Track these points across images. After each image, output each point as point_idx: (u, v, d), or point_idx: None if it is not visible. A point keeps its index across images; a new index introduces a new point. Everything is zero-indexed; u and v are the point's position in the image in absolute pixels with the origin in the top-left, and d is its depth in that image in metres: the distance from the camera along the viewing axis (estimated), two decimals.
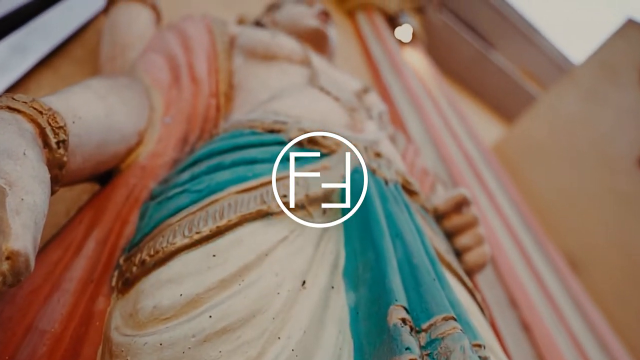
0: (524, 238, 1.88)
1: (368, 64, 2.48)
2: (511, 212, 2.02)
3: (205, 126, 0.80)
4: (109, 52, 0.91)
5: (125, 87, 0.68)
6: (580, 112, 2.38)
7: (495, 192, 2.06)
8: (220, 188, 0.56)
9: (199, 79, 0.82)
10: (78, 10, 1.10)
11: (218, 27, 0.97)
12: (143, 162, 0.67)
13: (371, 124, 0.85)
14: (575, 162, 2.48)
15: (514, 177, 2.71)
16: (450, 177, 1.90)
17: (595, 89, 2.27)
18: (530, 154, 2.83)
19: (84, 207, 0.62)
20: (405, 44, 2.86)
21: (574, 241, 2.54)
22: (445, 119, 2.32)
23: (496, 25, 3.92)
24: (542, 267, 1.81)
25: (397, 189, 0.68)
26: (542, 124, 2.66)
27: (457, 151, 2.10)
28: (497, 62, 3.82)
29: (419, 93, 2.38)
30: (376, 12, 2.82)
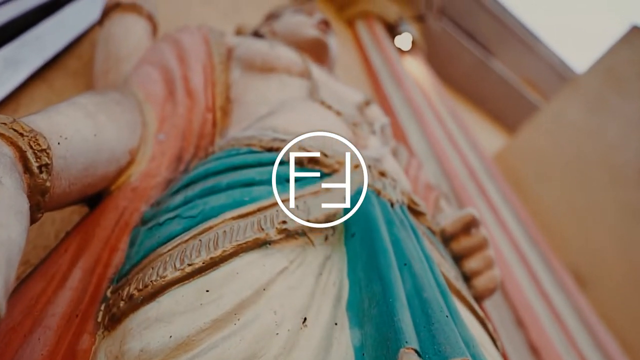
0: (530, 254, 1.84)
1: (368, 73, 2.46)
2: (516, 227, 1.98)
3: (201, 143, 0.76)
4: (103, 66, 0.88)
5: (117, 103, 0.65)
6: (584, 122, 2.35)
7: (499, 205, 2.02)
8: (215, 214, 0.52)
9: (194, 93, 0.79)
10: (72, 22, 1.07)
11: (215, 38, 0.94)
12: (134, 184, 0.64)
13: (374, 139, 0.82)
14: (580, 172, 2.45)
15: (516, 188, 2.68)
16: (453, 190, 1.87)
17: (600, 97, 2.24)
18: (533, 164, 2.80)
19: (71, 234, 0.59)
20: (405, 53, 2.84)
21: (580, 255, 2.49)
22: (447, 129, 2.29)
23: (496, 33, 3.91)
24: (548, 285, 1.77)
25: (403, 211, 0.64)
26: (545, 134, 2.63)
27: (459, 163, 2.07)
28: (497, 70, 3.80)
29: (420, 103, 2.35)
30: (376, 21, 2.80)
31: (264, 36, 1.25)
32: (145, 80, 0.76)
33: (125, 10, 0.95)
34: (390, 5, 2.88)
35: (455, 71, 3.70)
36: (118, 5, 0.95)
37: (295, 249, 0.52)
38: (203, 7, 1.58)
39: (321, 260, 0.53)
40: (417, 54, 2.95)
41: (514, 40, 4.01)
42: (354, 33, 2.73)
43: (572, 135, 2.45)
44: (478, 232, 0.79)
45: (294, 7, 1.29)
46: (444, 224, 0.77)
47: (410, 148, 1.96)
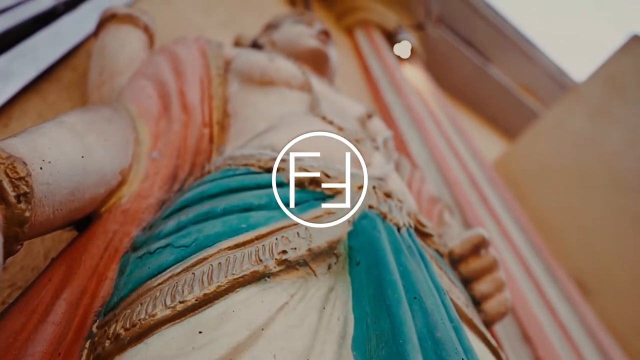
0: (534, 264, 1.80)
1: (368, 82, 2.42)
2: (519, 237, 1.94)
3: (197, 160, 0.72)
4: (97, 79, 0.83)
5: (108, 120, 0.60)
6: (586, 130, 2.31)
7: (501, 215, 1.98)
8: (210, 243, 0.48)
9: (190, 108, 0.75)
10: (68, 33, 1.03)
11: (212, 50, 0.90)
12: (125, 205, 0.59)
13: (378, 156, 0.78)
14: (582, 180, 2.41)
15: (515, 194, 2.64)
16: (455, 199, 1.83)
17: (601, 105, 2.21)
18: (534, 171, 2.76)
19: (56, 261, 0.54)
20: (404, 60, 2.81)
21: (583, 262, 2.45)
22: (448, 137, 2.25)
23: (493, 40, 3.88)
24: (554, 297, 1.72)
25: (411, 235, 0.60)
26: (546, 141, 2.60)
27: (460, 172, 2.03)
28: (495, 76, 3.77)
29: (420, 111, 2.31)
30: (375, 29, 2.77)
31: (263, 46, 1.21)
32: (139, 95, 0.72)
33: (121, 21, 0.91)
34: (389, 13, 2.85)
35: (453, 78, 3.67)
36: (114, 17, 0.91)
37: (297, 281, 0.48)
38: (202, 17, 1.55)
39: (324, 292, 0.49)
40: (416, 61, 2.91)
41: (511, 47, 3.98)
42: (353, 41, 2.69)
43: (573, 142, 2.42)
44: (488, 253, 0.74)
45: (293, 17, 1.26)
46: (452, 246, 0.73)
47: (411, 157, 1.92)
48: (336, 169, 0.63)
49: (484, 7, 3.55)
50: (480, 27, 3.69)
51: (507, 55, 3.98)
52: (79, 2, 1.14)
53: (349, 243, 0.55)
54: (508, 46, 3.95)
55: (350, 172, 0.64)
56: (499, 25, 3.73)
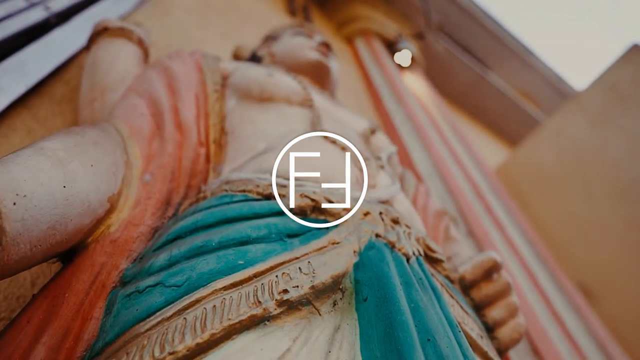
0: (541, 276, 1.75)
1: (369, 91, 2.38)
2: (524, 246, 1.89)
3: (192, 182, 0.67)
4: (88, 95, 0.79)
5: (94, 143, 0.56)
6: (588, 137, 2.27)
7: (506, 224, 1.93)
8: (203, 282, 0.43)
9: (185, 126, 0.70)
10: (59, 46, 0.98)
11: (209, 65, 0.86)
12: (114, 235, 0.54)
13: (383, 175, 0.73)
14: (585, 188, 2.36)
15: (517, 202, 2.60)
16: (459, 209, 1.78)
17: (603, 113, 2.17)
18: (536, 178, 2.72)
19: (36, 298, 0.49)
20: (405, 69, 2.77)
21: (587, 271, 2.40)
22: (450, 146, 2.21)
23: (492, 47, 3.85)
24: (562, 308, 1.67)
25: (421, 265, 0.55)
26: (548, 149, 2.55)
27: (464, 181, 1.98)
28: (495, 83, 3.74)
29: (422, 119, 2.27)
30: (375, 38, 2.74)
31: (263, 58, 1.17)
32: (131, 114, 0.68)
33: (113, 35, 0.87)
34: (389, 22, 2.82)
35: (453, 86, 3.64)
36: (106, 30, 0.87)
37: (299, 323, 0.43)
38: (200, 29, 1.51)
39: (329, 333, 0.44)
40: (416, 70, 2.88)
41: (508, 54, 3.95)
42: (354, 50, 2.66)
43: (575, 150, 2.38)
44: (500, 277, 0.69)
45: (293, 29, 1.22)
46: (463, 271, 0.68)
47: (413, 167, 1.87)
48: (340, 193, 0.59)
49: (483, 15, 3.52)
50: (479, 35, 3.65)
51: (505, 63, 3.95)
52: (71, 14, 1.10)
53: (356, 276, 0.50)
54: (506, 53, 3.92)
55: (355, 197, 0.60)
56: (498, 33, 3.70)
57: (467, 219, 1.74)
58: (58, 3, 1.08)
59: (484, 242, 1.66)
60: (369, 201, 0.60)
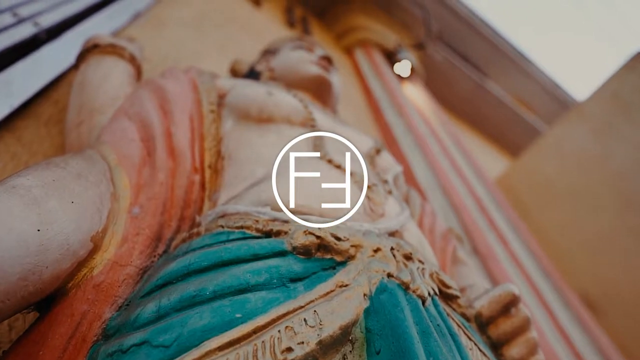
0: (547, 292, 1.69)
1: (368, 103, 2.34)
2: (528, 260, 1.83)
3: (186, 213, 0.62)
4: (75, 117, 0.74)
5: (76, 175, 0.50)
6: (591, 147, 2.23)
7: (509, 238, 1.88)
8: (196, 341, 0.37)
9: (178, 152, 0.65)
10: (48, 64, 0.93)
11: (205, 83, 0.81)
12: (98, 278, 0.49)
13: (392, 201, 0.68)
14: (588, 198, 2.32)
15: (518, 212, 2.55)
16: (461, 224, 1.72)
17: (607, 123, 2.13)
18: (537, 189, 2.67)
19: (8, 356, 0.43)
20: (404, 79, 2.73)
21: (590, 283, 2.35)
22: (451, 158, 2.16)
23: (490, 56, 3.82)
24: (568, 324, 1.61)
25: (437, 307, 0.50)
26: (550, 159, 2.51)
27: (467, 196, 1.93)
28: (494, 91, 3.71)
29: (423, 131, 2.22)
30: (374, 49, 2.70)
31: (261, 73, 1.12)
32: (120, 139, 0.62)
33: (104, 52, 0.82)
34: (389, 32, 2.79)
35: (452, 95, 3.60)
36: (96, 47, 0.82)
37: None
38: (197, 42, 1.46)
39: None
40: (416, 80, 2.84)
41: (507, 62, 3.92)
42: (353, 61, 2.62)
43: (578, 160, 2.33)
44: (518, 311, 0.64)
45: (292, 42, 1.17)
46: (480, 307, 0.62)
47: (415, 181, 1.82)
48: (347, 227, 0.53)
49: (481, 24, 3.50)
50: (477, 43, 3.63)
51: (503, 71, 3.92)
52: (62, 30, 1.05)
53: (367, 324, 0.44)
54: (504, 62, 3.89)
55: (364, 230, 0.54)
56: (496, 41, 3.68)
57: (470, 234, 1.69)
58: (48, 18, 1.03)
59: (489, 258, 1.60)
60: (378, 235, 0.55)
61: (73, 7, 1.11)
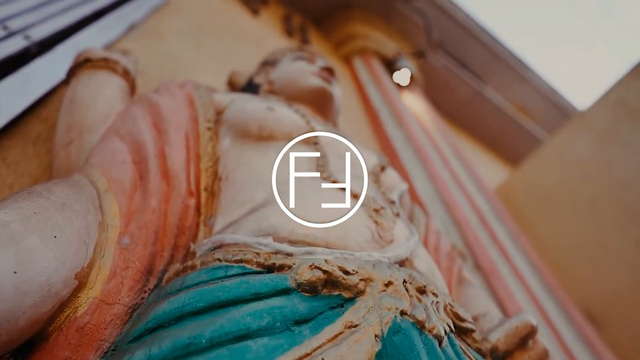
0: (550, 309, 1.65)
1: (367, 112, 2.30)
2: (533, 279, 1.79)
3: (180, 241, 0.57)
4: (64, 137, 0.69)
5: (61, 206, 0.46)
6: (594, 156, 2.19)
7: (511, 252, 1.84)
8: None
9: (173, 174, 0.60)
10: (38, 79, 0.89)
11: (201, 98, 0.77)
12: (82, 320, 0.44)
13: (400, 226, 0.63)
14: (590, 208, 2.28)
15: (518, 222, 2.51)
16: (463, 238, 1.68)
17: (611, 130, 2.09)
18: (538, 198, 2.63)
19: None
20: (403, 88, 2.70)
21: (591, 296, 2.30)
22: (452, 170, 2.12)
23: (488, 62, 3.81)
24: (572, 343, 1.57)
25: (454, 347, 0.46)
26: (551, 168, 2.47)
27: (468, 208, 1.89)
28: (493, 99, 3.68)
29: (423, 142, 2.19)
30: (373, 57, 2.67)
31: (260, 86, 1.08)
32: (110, 162, 0.58)
33: (96, 66, 0.78)
34: (388, 40, 2.76)
35: (450, 102, 3.58)
36: (88, 61, 0.78)
37: None
38: (193, 53, 1.42)
39: None
40: (414, 88, 2.81)
41: (506, 68, 3.91)
42: (351, 70, 2.59)
43: (580, 169, 2.30)
44: (536, 344, 0.59)
45: (292, 53, 1.13)
46: (496, 341, 0.58)
47: (415, 194, 1.78)
48: (356, 258, 0.49)
49: (480, 31, 3.49)
50: (476, 50, 3.61)
51: (502, 78, 3.91)
52: (55, 43, 1.01)
53: None
54: (503, 68, 3.88)
55: (373, 261, 0.50)
56: (494, 48, 3.66)
57: (472, 250, 1.64)
58: (40, 31, 0.99)
59: (491, 275, 1.56)
60: (389, 266, 0.50)
61: (66, 19, 1.07)
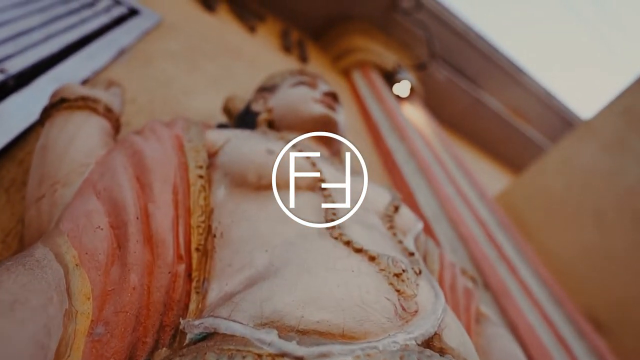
0: (561, 325, 1.55)
1: (367, 127, 2.21)
2: (539, 289, 1.69)
3: (166, 319, 0.47)
4: (36, 190, 0.59)
5: (9, 307, 0.36)
6: (600, 164, 2.10)
7: (519, 267, 1.74)
8: None
9: (158, 240, 0.50)
10: (13, 117, 0.79)
11: (192, 140, 0.66)
12: None
13: (424, 288, 0.53)
14: (596, 216, 2.18)
15: (520, 230, 2.42)
16: (470, 256, 1.58)
17: (618, 138, 2.01)
18: (542, 206, 2.53)
19: None
20: (403, 100, 2.61)
21: (597, 304, 2.21)
22: (455, 183, 2.03)
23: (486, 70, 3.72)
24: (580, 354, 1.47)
25: None
26: (555, 176, 2.38)
27: (473, 223, 1.79)
28: (492, 106, 3.60)
29: (425, 155, 2.09)
30: (373, 70, 2.58)
31: (259, 114, 0.98)
32: (82, 229, 0.48)
33: (73, 107, 0.67)
34: (387, 53, 2.67)
35: (450, 111, 3.49)
36: (64, 101, 0.68)
37: None
38: (187, 76, 1.32)
39: None
40: (415, 100, 2.72)
41: (503, 75, 3.82)
42: (351, 84, 2.49)
43: (585, 177, 2.21)
44: None
45: (292, 77, 1.03)
46: None
47: (420, 210, 1.68)
48: (380, 352, 0.38)
49: (477, 38, 3.40)
50: (473, 58, 3.52)
51: (501, 85, 3.82)
52: (35, 74, 0.91)
53: None
54: (501, 75, 3.79)
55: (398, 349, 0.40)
56: (492, 55, 3.58)
57: (481, 268, 1.54)
58: (17, 62, 0.89)
59: (501, 294, 1.46)
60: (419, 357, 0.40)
61: (47, 47, 0.97)
